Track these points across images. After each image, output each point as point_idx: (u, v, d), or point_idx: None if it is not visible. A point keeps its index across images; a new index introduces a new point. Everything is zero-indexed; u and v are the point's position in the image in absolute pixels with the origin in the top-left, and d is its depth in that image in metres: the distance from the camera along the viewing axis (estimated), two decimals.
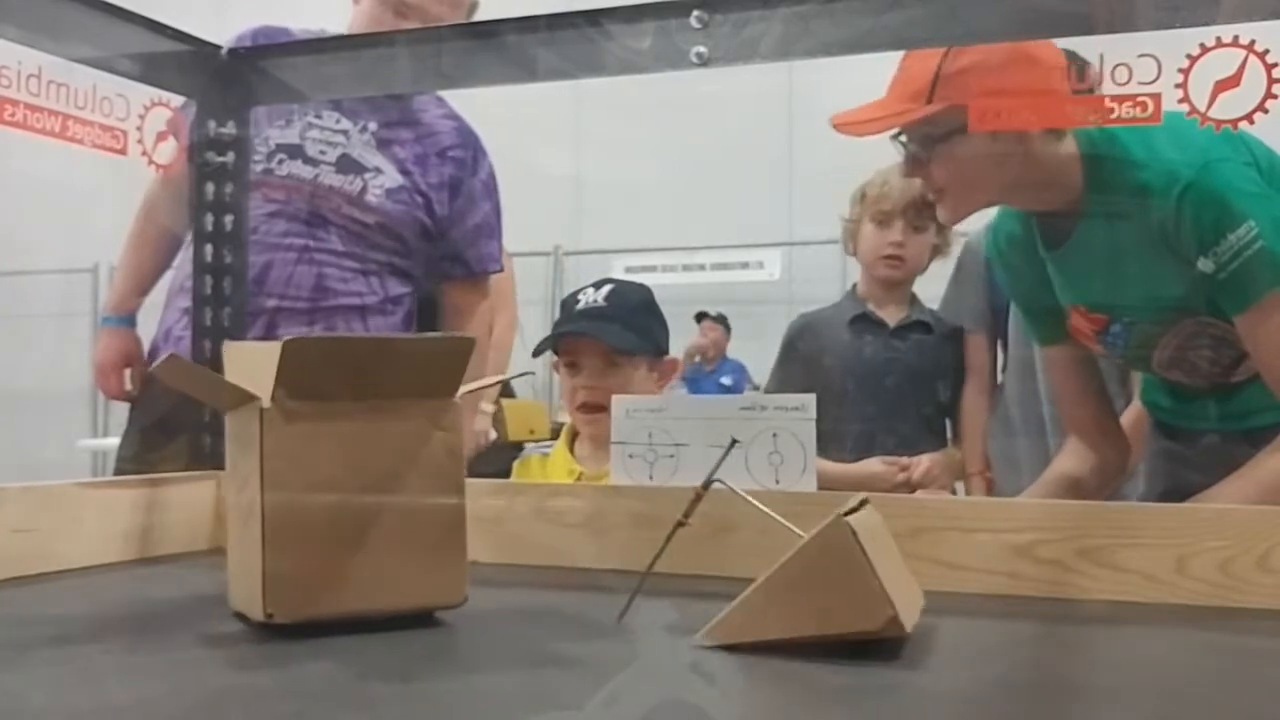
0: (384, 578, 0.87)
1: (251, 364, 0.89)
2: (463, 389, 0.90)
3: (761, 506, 0.90)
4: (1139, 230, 1.43)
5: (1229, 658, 0.86)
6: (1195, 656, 0.87)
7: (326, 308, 1.95)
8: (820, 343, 2.36)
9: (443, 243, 2.10)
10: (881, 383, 2.27)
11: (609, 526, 1.19)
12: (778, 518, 0.89)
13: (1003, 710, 0.71)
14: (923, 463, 2.18)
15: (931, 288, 2.39)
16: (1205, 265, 1.36)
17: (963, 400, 2.24)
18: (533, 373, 1.21)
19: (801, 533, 0.83)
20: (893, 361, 2.30)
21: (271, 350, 0.87)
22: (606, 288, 1.96)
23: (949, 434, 2.34)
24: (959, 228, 2.30)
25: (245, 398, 0.87)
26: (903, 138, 1.53)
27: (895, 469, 2.18)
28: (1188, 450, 1.68)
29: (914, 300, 2.43)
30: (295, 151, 2.00)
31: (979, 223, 2.19)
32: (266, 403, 0.85)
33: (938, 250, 2.37)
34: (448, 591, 0.90)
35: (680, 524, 0.88)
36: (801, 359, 2.35)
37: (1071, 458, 1.67)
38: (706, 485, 0.88)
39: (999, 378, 2.27)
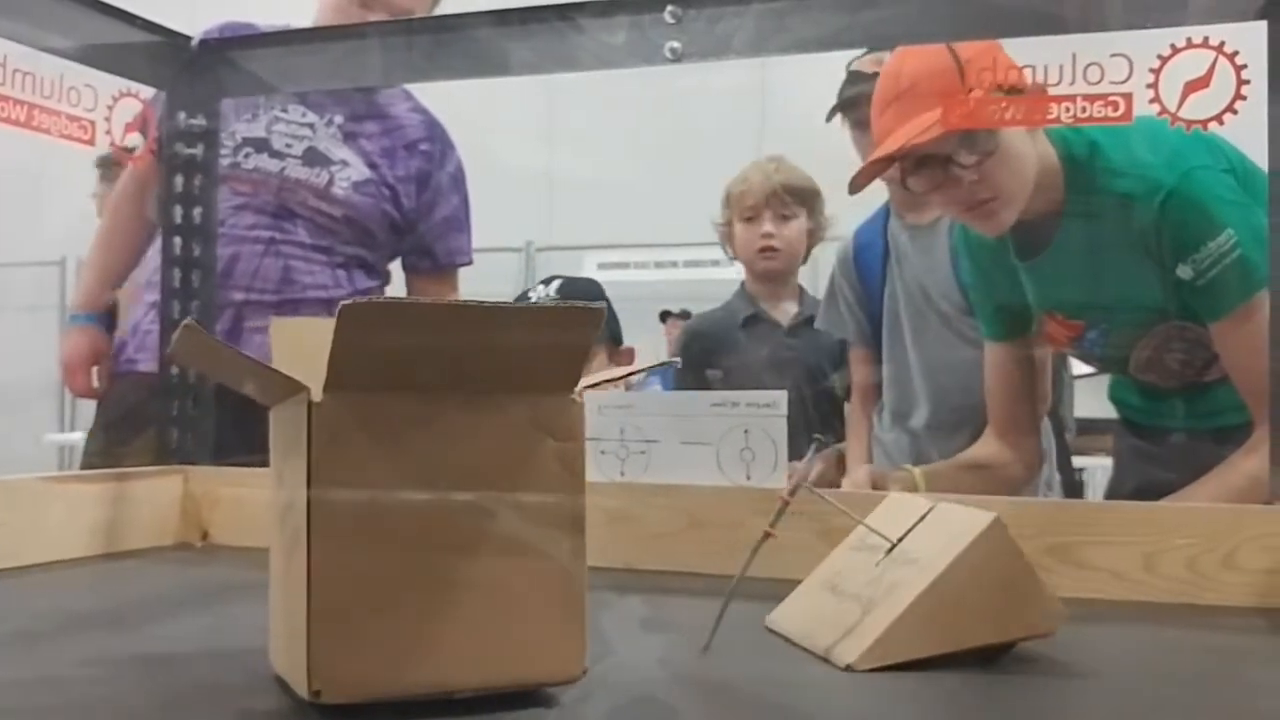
0: (473, 642, 0.64)
1: (305, 345, 0.69)
2: (585, 381, 0.68)
3: (845, 509, 0.86)
4: (1119, 237, 1.44)
5: (1196, 655, 0.87)
6: (1163, 654, 0.87)
7: (293, 300, 1.94)
8: (716, 346, 2.36)
9: (411, 236, 2.09)
10: (780, 384, 2.26)
11: None
12: (866, 524, 0.85)
13: (970, 705, 0.71)
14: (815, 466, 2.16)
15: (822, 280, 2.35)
16: (1184, 272, 1.37)
17: (847, 414, 2.23)
18: (677, 362, 1.18)
19: (888, 537, 0.82)
20: (790, 361, 2.30)
21: (329, 327, 0.73)
22: (556, 283, 2.02)
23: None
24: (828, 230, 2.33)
25: (287, 388, 0.64)
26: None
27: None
28: (1156, 448, 1.69)
29: (803, 294, 2.45)
30: (261, 145, 1.99)
31: (846, 232, 2.21)
32: (317, 394, 0.63)
33: (814, 236, 2.39)
34: (559, 661, 0.66)
35: (767, 535, 0.80)
36: (696, 366, 2.33)
37: (986, 448, 1.69)
38: (793, 492, 0.82)
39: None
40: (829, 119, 2.04)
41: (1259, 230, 1.32)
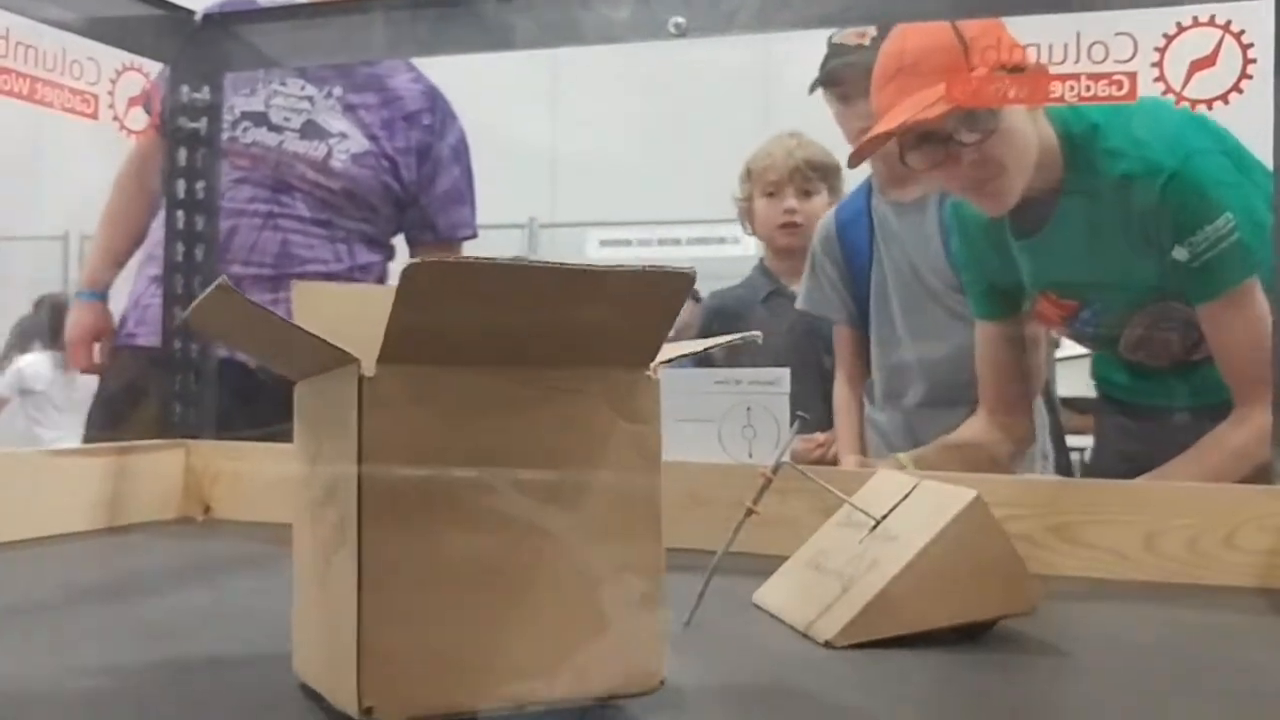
0: (543, 649, 0.57)
1: (332, 313, 0.63)
2: (662, 357, 0.61)
3: (829, 487, 0.86)
4: (1117, 218, 1.44)
5: (1195, 634, 0.87)
6: (1164, 633, 0.87)
7: (291, 275, 1.94)
8: (738, 323, 2.35)
9: (413, 209, 2.09)
10: (802, 359, 2.25)
11: None
12: (850, 501, 0.85)
13: (974, 682, 0.71)
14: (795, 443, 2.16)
15: None
16: (1180, 254, 1.39)
17: (833, 392, 2.22)
18: (758, 336, 1.16)
19: (871, 515, 0.82)
20: (810, 336, 2.29)
21: (363, 296, 0.65)
22: None
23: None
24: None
25: (335, 359, 0.56)
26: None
27: (812, 445, 2.17)
28: (1141, 425, 1.71)
29: None
30: (260, 119, 1.98)
31: (826, 210, 2.20)
32: (369, 368, 0.55)
33: None
34: (636, 670, 0.59)
35: (750, 511, 0.81)
36: None
37: (975, 427, 1.69)
38: (775, 469, 0.82)
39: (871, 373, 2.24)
40: (811, 91, 2.03)
41: (1256, 214, 1.35)
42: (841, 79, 1.94)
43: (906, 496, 0.83)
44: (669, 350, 0.61)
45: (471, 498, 0.56)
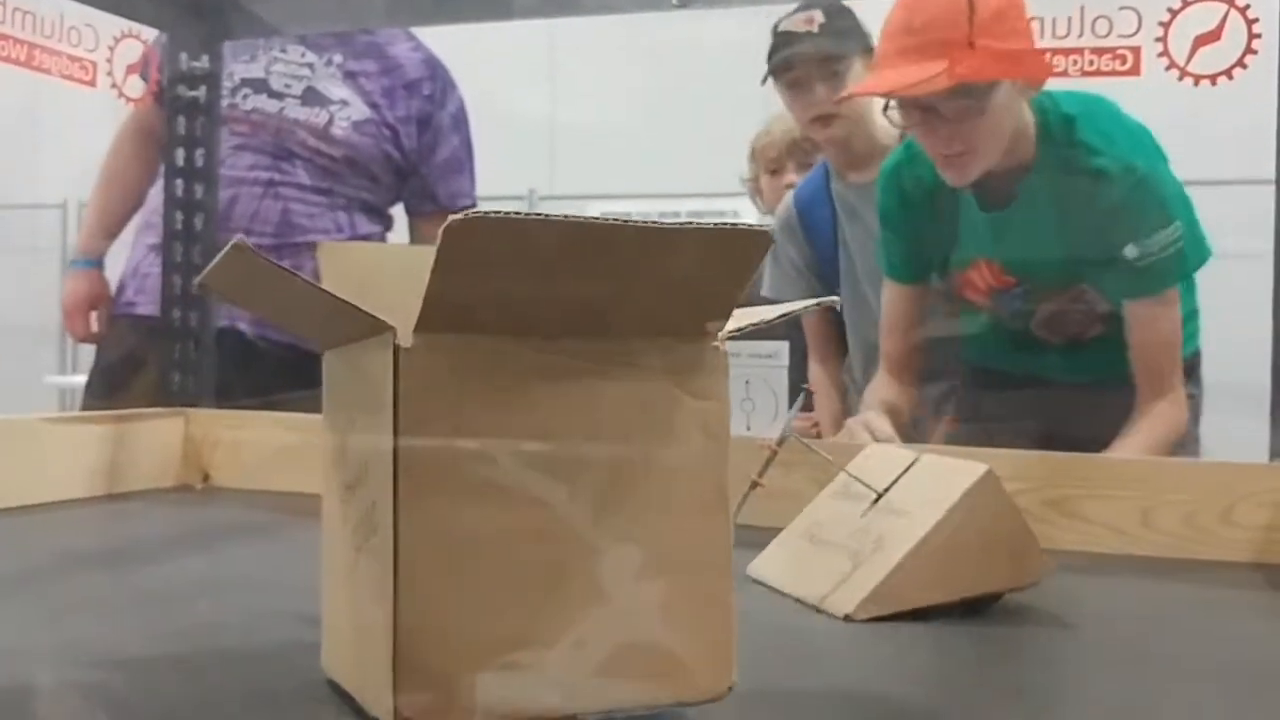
0: (599, 652, 0.51)
1: (360, 276, 0.58)
2: (730, 327, 0.55)
3: (830, 459, 0.86)
4: (1082, 207, 1.51)
5: (1190, 608, 0.87)
6: (1161, 607, 0.88)
7: (293, 244, 1.93)
8: (753, 296, 2.34)
9: (413, 178, 2.08)
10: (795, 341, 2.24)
11: None
12: (854, 474, 0.85)
13: (970, 656, 0.71)
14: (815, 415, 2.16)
15: None
16: (1131, 251, 1.48)
17: (808, 374, 2.21)
18: (837, 300, 1.17)
19: (874, 488, 0.82)
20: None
21: (394, 257, 0.60)
22: None
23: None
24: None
25: (367, 327, 0.50)
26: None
27: (809, 423, 2.17)
28: (1014, 396, 1.75)
29: None
30: (260, 86, 1.98)
31: (787, 196, 2.20)
32: (405, 338, 0.49)
33: None
34: (702, 674, 0.53)
35: (755, 484, 0.81)
36: None
37: (888, 389, 1.72)
38: (781, 442, 0.82)
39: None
40: (763, 83, 2.02)
41: (1195, 229, 1.53)
42: (792, 66, 1.93)
43: (907, 470, 0.83)
44: (738, 319, 0.55)
45: (517, 481, 0.50)
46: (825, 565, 0.80)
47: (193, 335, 1.44)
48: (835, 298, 0.69)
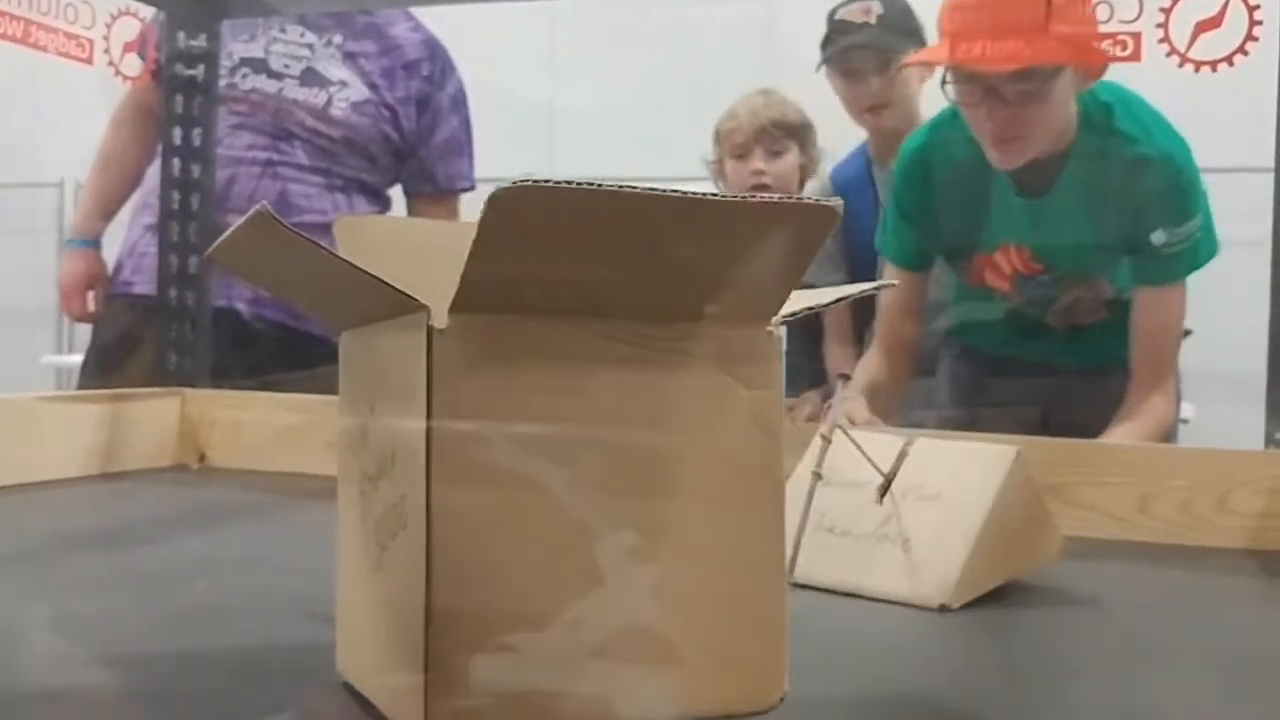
0: (643, 659, 0.48)
1: (381, 251, 0.52)
2: (785, 311, 0.51)
3: (867, 454, 0.82)
4: (1121, 196, 1.51)
5: (1185, 594, 0.87)
6: (1157, 593, 0.88)
7: (291, 224, 1.93)
8: None
9: (412, 160, 2.07)
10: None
11: None
12: (878, 467, 0.82)
13: (967, 640, 0.71)
14: (811, 400, 2.14)
15: None
16: (1158, 238, 1.49)
17: (825, 352, 2.19)
18: (894, 283, 1.21)
19: (885, 474, 0.81)
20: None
21: (418, 231, 0.56)
22: None
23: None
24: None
25: (396, 305, 0.47)
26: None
27: (817, 406, 2.16)
28: (1010, 380, 1.76)
29: None
30: (259, 66, 1.97)
31: (795, 170, 2.19)
32: (439, 318, 0.46)
33: (806, 170, 2.34)
34: (753, 683, 0.50)
35: (817, 476, 0.80)
36: None
37: (879, 369, 1.72)
38: (831, 431, 0.80)
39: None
40: (817, 70, 2.01)
41: (1209, 222, 1.53)
42: (848, 56, 1.93)
43: (905, 454, 0.82)
44: (793, 302, 0.51)
45: (562, 483, 0.46)
46: (872, 557, 0.79)
47: (189, 315, 1.43)
48: (893, 280, 0.69)
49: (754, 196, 0.45)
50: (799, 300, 0.52)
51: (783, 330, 0.50)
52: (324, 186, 1.97)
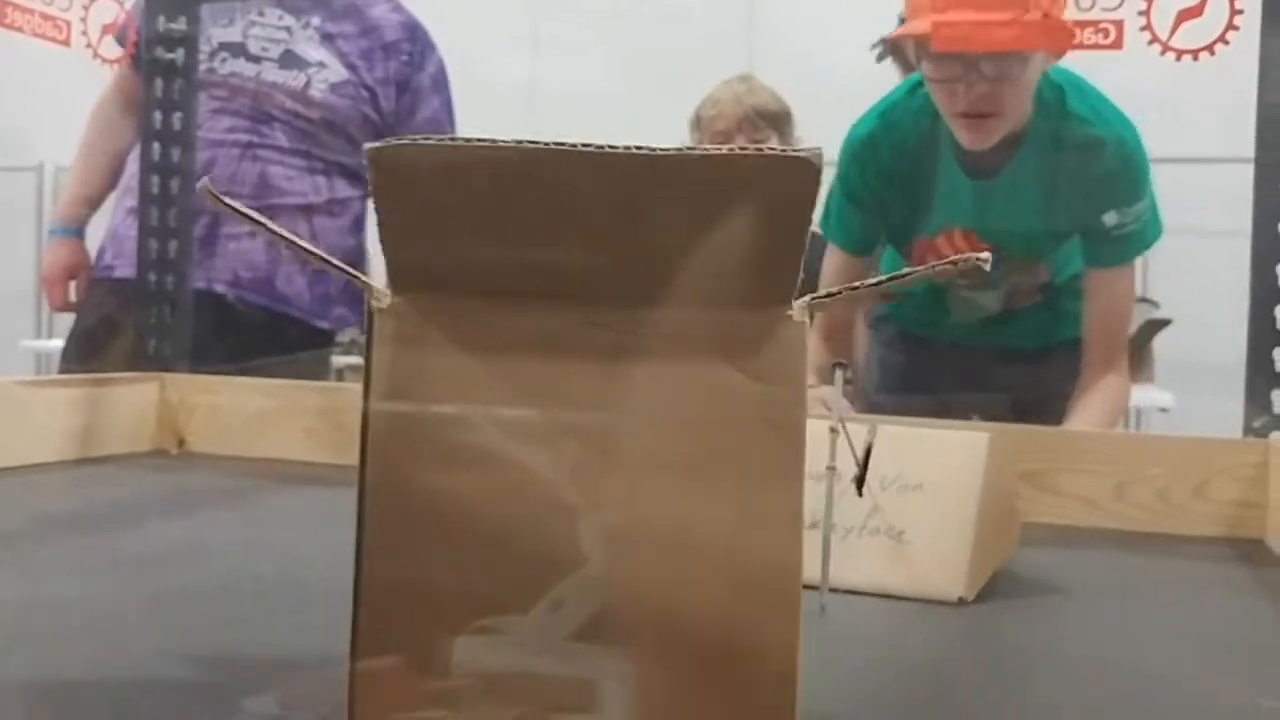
0: (608, 677, 0.42)
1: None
2: (810, 296, 0.42)
3: (854, 446, 0.77)
4: (1073, 177, 1.52)
5: (1160, 581, 0.88)
6: (1133, 581, 0.88)
7: (271, 206, 1.92)
8: None
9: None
10: None
11: None
12: (854, 450, 0.77)
13: (951, 625, 0.71)
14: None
15: None
16: (1110, 219, 1.51)
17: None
18: (984, 258, 1.20)
19: (859, 464, 0.76)
20: None
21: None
22: None
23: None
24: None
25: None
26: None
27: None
28: (940, 363, 1.78)
29: None
30: (238, 50, 1.96)
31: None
32: (383, 297, 0.42)
33: None
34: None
35: (831, 469, 0.75)
36: None
37: (817, 355, 1.73)
38: (842, 422, 0.75)
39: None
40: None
41: (1155, 204, 1.55)
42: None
43: (871, 443, 0.77)
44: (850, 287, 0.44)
45: (499, 448, 0.42)
46: (862, 552, 0.77)
47: (169, 298, 1.43)
48: (984, 255, 0.64)
49: (711, 149, 0.39)
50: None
51: (805, 317, 0.41)
52: (305, 169, 1.96)
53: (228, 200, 0.43)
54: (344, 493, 0.42)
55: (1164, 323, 3.15)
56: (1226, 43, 1.12)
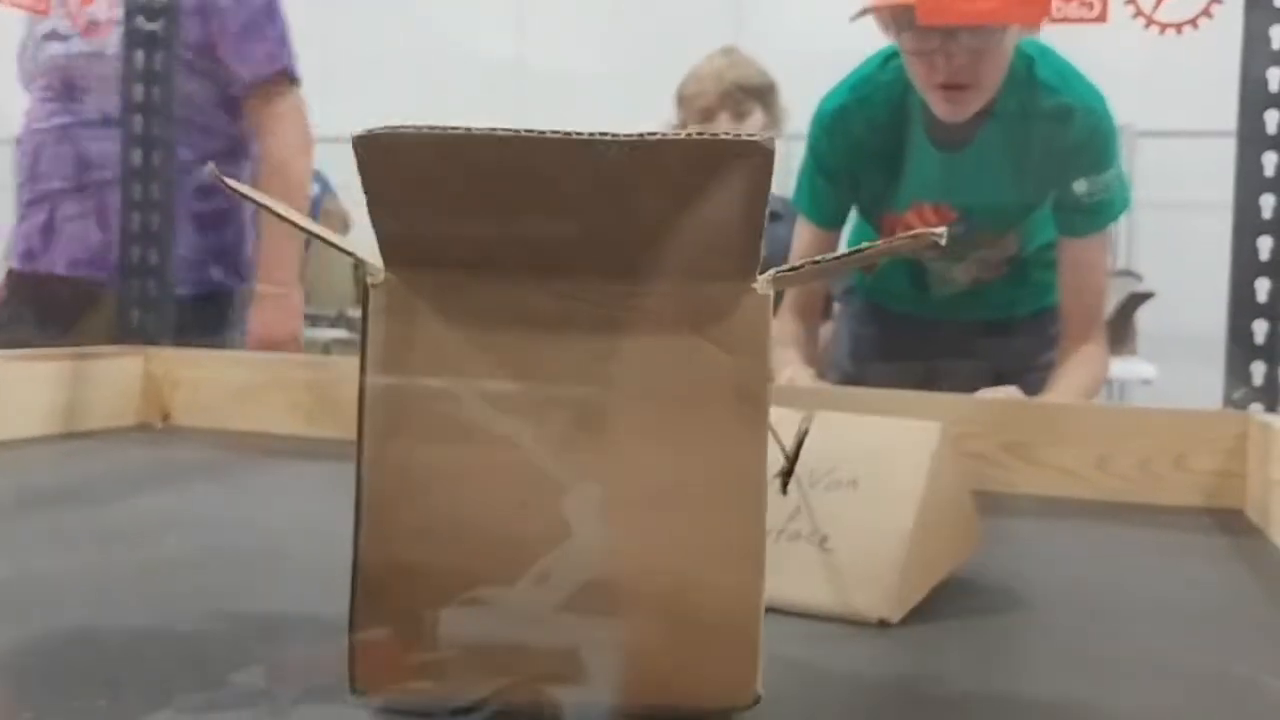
0: (592, 646, 0.44)
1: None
2: (774, 271, 0.46)
3: (781, 440, 0.66)
4: (1043, 147, 1.52)
5: (1140, 551, 0.89)
6: (1114, 550, 0.89)
7: (94, 183, 1.85)
8: None
9: (219, 69, 1.89)
10: None
11: None
12: (782, 445, 0.67)
13: (869, 651, 0.71)
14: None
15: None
16: (1080, 186, 1.51)
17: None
18: (941, 233, 1.15)
19: (789, 458, 0.66)
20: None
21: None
22: None
23: None
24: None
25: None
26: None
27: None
28: (907, 334, 1.77)
29: None
30: (53, 35, 1.91)
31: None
32: (376, 272, 0.45)
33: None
34: (720, 682, 0.45)
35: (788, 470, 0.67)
36: None
37: (791, 330, 1.73)
38: (809, 421, 0.66)
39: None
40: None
41: (1122, 173, 1.56)
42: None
43: (806, 431, 0.67)
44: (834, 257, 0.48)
45: (485, 421, 0.44)
46: (782, 560, 0.65)
47: (153, 273, 1.42)
48: (938, 231, 0.57)
49: (675, 134, 0.42)
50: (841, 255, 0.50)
51: (770, 290, 0.45)
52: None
53: (233, 184, 0.47)
54: (329, 466, 0.43)
55: (1147, 295, 3.17)
56: (1210, 16, 1.12)
